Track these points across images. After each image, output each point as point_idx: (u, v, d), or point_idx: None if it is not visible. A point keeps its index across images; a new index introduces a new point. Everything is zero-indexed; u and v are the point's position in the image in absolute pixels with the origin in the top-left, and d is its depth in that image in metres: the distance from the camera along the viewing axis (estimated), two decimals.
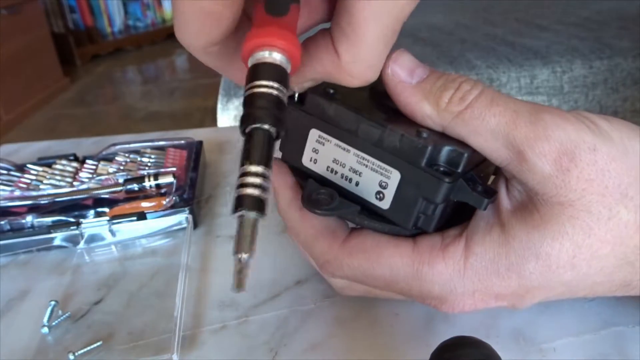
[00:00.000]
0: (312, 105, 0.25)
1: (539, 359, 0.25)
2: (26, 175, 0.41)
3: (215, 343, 0.28)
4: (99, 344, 0.28)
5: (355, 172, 0.25)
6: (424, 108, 0.23)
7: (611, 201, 0.22)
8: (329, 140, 0.25)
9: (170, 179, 0.38)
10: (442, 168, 0.23)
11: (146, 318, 0.29)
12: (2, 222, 0.36)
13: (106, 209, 0.37)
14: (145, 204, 0.37)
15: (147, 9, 3.61)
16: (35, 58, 2.61)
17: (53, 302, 0.30)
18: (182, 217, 0.36)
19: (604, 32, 1.22)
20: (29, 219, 0.36)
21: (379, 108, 0.25)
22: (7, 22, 2.39)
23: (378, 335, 0.27)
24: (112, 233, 0.35)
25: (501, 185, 0.25)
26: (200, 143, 0.45)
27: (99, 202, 0.38)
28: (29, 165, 0.42)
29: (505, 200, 0.24)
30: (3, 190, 0.39)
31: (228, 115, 1.05)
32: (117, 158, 0.42)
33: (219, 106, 1.06)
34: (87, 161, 0.42)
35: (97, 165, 0.42)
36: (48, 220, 0.36)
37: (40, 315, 0.29)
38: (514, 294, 0.24)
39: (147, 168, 0.41)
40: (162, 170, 0.40)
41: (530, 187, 0.22)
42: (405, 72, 0.24)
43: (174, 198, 0.37)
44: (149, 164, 0.42)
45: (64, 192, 0.38)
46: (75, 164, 0.42)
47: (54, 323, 0.29)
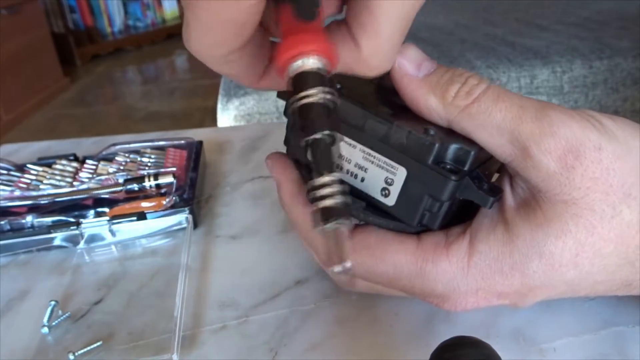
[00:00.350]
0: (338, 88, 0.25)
1: (539, 359, 0.25)
2: (26, 175, 0.41)
3: (215, 343, 0.28)
4: (99, 344, 0.28)
5: (361, 168, 0.25)
6: (430, 101, 0.23)
7: (615, 200, 0.22)
8: None
9: (170, 179, 0.38)
10: (449, 166, 0.23)
11: (146, 318, 0.29)
12: (2, 222, 0.36)
13: (106, 209, 0.37)
14: (145, 204, 0.37)
15: (147, 9, 3.61)
16: (35, 58, 2.61)
17: (53, 302, 0.30)
18: (182, 217, 0.36)
19: (604, 32, 1.22)
20: (29, 219, 0.36)
21: (386, 104, 0.25)
22: (7, 22, 2.39)
23: (378, 335, 0.27)
24: (112, 233, 0.35)
25: (505, 182, 0.25)
26: (200, 143, 0.45)
27: (99, 202, 0.38)
28: (29, 165, 0.42)
29: (509, 198, 0.24)
30: (3, 190, 0.39)
31: (228, 115, 1.05)
32: (117, 158, 0.42)
33: (219, 106, 1.06)
34: (87, 161, 0.42)
35: (97, 165, 0.42)
36: (48, 220, 0.36)
37: (40, 315, 0.29)
38: (517, 293, 0.24)
39: (147, 168, 0.41)
40: (162, 170, 0.40)
41: (534, 184, 0.22)
42: (413, 65, 0.24)
43: (174, 198, 0.37)
44: (149, 164, 0.42)
45: (64, 192, 0.38)
46: (75, 164, 0.42)
47: (54, 323, 0.29)
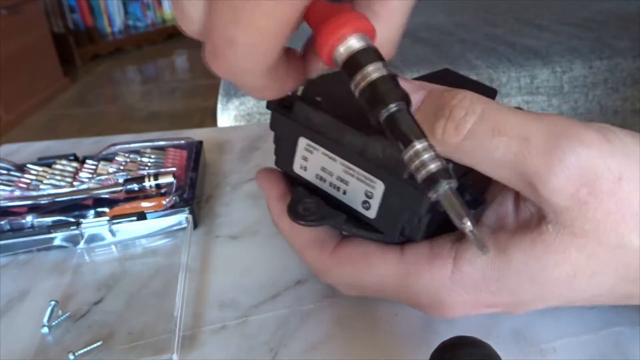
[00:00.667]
0: (300, 113, 0.25)
1: (539, 359, 0.25)
2: (26, 175, 0.41)
3: (215, 343, 0.28)
4: (99, 344, 0.28)
5: (342, 180, 0.25)
6: None
7: (624, 230, 0.20)
8: (316, 149, 0.25)
9: (170, 179, 0.38)
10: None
11: (146, 318, 0.29)
12: (2, 222, 0.36)
13: (106, 209, 0.37)
14: (145, 204, 0.37)
15: (147, 9, 3.61)
16: (35, 58, 2.61)
17: (53, 302, 0.30)
18: (182, 217, 0.36)
19: (604, 32, 1.22)
20: (29, 219, 0.36)
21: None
22: (7, 22, 2.39)
23: (378, 335, 0.27)
24: (112, 233, 0.35)
25: (508, 201, 0.23)
26: (200, 143, 0.45)
27: (99, 202, 0.38)
28: (29, 165, 0.42)
29: (510, 219, 0.23)
30: (3, 190, 0.39)
31: (228, 115, 1.05)
32: (117, 158, 0.42)
33: (219, 106, 1.06)
34: (87, 161, 0.42)
35: (97, 165, 0.42)
36: (48, 220, 0.36)
37: (40, 315, 0.29)
38: (507, 305, 0.23)
39: (147, 168, 0.41)
40: (162, 170, 0.40)
41: (544, 214, 0.21)
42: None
43: (174, 198, 0.37)
44: (149, 164, 0.42)
45: (64, 192, 0.38)
46: (75, 164, 0.42)
47: (54, 323, 0.29)
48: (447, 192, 0.17)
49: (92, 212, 0.37)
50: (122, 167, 0.41)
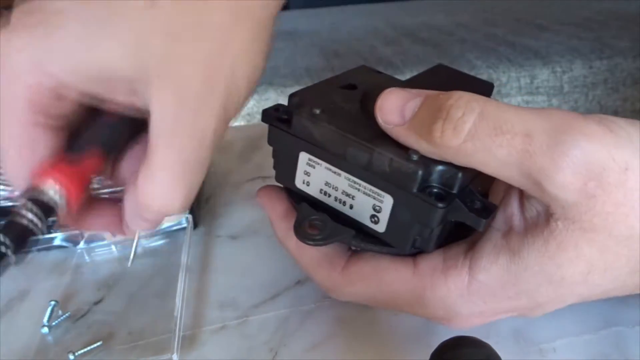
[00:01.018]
0: (299, 128, 0.24)
1: (539, 359, 0.25)
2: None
3: (215, 343, 0.28)
4: (99, 344, 0.28)
5: (348, 195, 0.24)
6: (421, 146, 0.21)
7: (633, 220, 0.20)
8: (319, 164, 0.24)
9: None
10: (436, 189, 0.22)
11: (146, 318, 0.29)
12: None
13: None
14: None
15: None
16: None
17: (53, 302, 0.30)
18: (182, 217, 0.36)
19: (604, 32, 1.22)
20: None
21: (370, 125, 0.23)
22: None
23: (378, 335, 0.27)
24: (112, 233, 0.35)
25: (514, 200, 0.23)
26: None
27: None
28: None
29: (517, 220, 0.22)
30: (3, 190, 0.39)
31: None
32: None
33: None
34: None
35: None
36: (48, 220, 0.36)
37: (40, 315, 0.29)
38: (524, 309, 0.23)
39: None
40: None
41: (552, 211, 0.21)
42: (395, 115, 0.22)
43: None
44: None
45: None
46: None
47: (54, 323, 0.29)
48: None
49: None
50: None
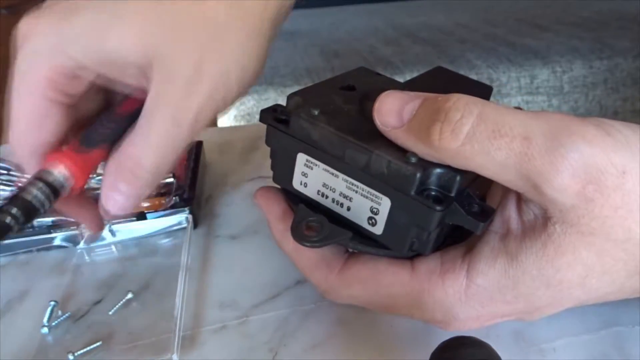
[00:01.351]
0: (297, 129, 0.24)
1: (539, 359, 0.25)
2: (26, 175, 0.41)
3: (215, 343, 0.28)
4: (98, 344, 0.28)
5: (345, 197, 0.24)
6: (419, 149, 0.21)
7: (631, 223, 0.20)
8: (317, 165, 0.24)
9: (170, 179, 0.38)
10: (434, 192, 0.22)
11: (146, 318, 0.29)
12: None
13: None
14: (145, 204, 0.37)
15: None
16: None
17: (53, 302, 0.30)
18: (182, 217, 0.36)
19: (604, 32, 1.22)
20: None
21: (369, 127, 0.23)
22: (7, 22, 2.39)
23: (378, 335, 0.27)
24: (112, 233, 0.35)
25: (511, 204, 0.23)
26: (200, 143, 0.45)
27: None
28: None
29: (514, 223, 0.22)
30: (3, 190, 0.39)
31: (228, 115, 1.05)
32: None
33: None
34: None
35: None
36: (48, 220, 0.36)
37: (40, 315, 0.29)
38: (522, 312, 0.23)
39: None
40: None
41: (550, 215, 0.21)
42: (393, 117, 0.22)
43: (174, 198, 0.37)
44: None
45: None
46: None
47: (53, 323, 0.29)
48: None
49: None
50: None
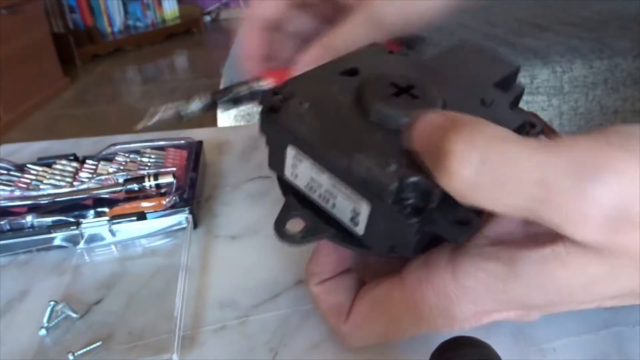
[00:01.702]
0: (286, 122, 0.24)
1: (539, 359, 0.25)
2: (26, 175, 0.41)
3: (215, 343, 0.28)
4: (98, 344, 0.28)
5: (330, 194, 0.24)
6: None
7: None
8: (305, 159, 0.24)
9: (170, 179, 0.38)
10: (413, 201, 0.20)
11: (146, 318, 0.29)
12: (2, 222, 0.36)
13: (106, 209, 0.37)
14: (145, 204, 0.37)
15: (147, 9, 3.61)
16: (35, 58, 2.61)
17: (53, 302, 0.30)
18: (182, 217, 0.36)
19: (604, 32, 1.22)
20: (29, 219, 0.36)
21: (358, 123, 0.23)
22: (7, 22, 2.39)
23: None
24: (112, 233, 0.35)
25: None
26: (200, 143, 0.45)
27: (99, 202, 0.38)
28: (29, 165, 0.42)
29: (517, 231, 0.21)
30: (3, 190, 0.39)
31: (228, 115, 1.05)
32: (117, 158, 0.42)
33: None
34: (87, 161, 0.42)
35: (97, 165, 0.42)
36: (48, 220, 0.36)
37: (40, 315, 0.29)
38: (520, 312, 0.23)
39: (147, 168, 0.41)
40: (162, 170, 0.40)
41: (564, 238, 0.18)
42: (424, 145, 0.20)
43: (174, 198, 0.37)
44: (149, 164, 0.42)
45: (64, 192, 0.38)
46: (75, 164, 0.42)
47: (53, 323, 0.29)
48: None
49: (92, 212, 0.37)
50: (122, 167, 0.41)
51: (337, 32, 0.34)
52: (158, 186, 0.38)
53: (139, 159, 0.42)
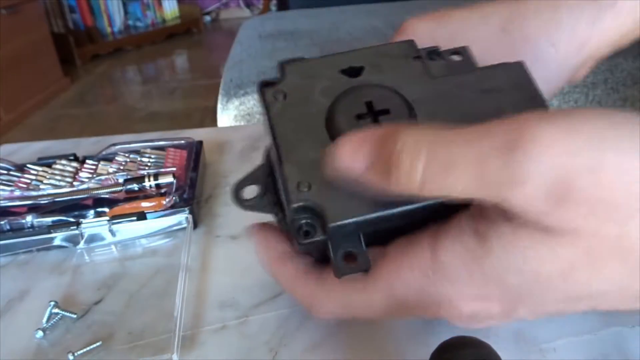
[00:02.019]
0: (267, 100, 0.25)
1: (539, 359, 0.25)
2: (26, 175, 0.41)
3: (215, 343, 0.28)
4: (98, 344, 0.28)
5: (280, 179, 0.24)
6: (388, 190, 0.20)
7: (623, 216, 0.18)
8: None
9: (170, 179, 0.38)
10: (309, 221, 0.22)
11: (146, 318, 0.29)
12: (2, 222, 0.36)
13: (106, 209, 0.37)
14: (145, 204, 0.37)
15: (147, 9, 3.61)
16: (35, 58, 2.61)
17: (53, 302, 0.30)
18: (182, 217, 0.36)
19: None
20: (29, 219, 0.36)
21: (318, 131, 0.23)
22: (7, 22, 2.39)
23: (378, 335, 0.27)
24: (112, 233, 0.35)
25: None
26: (200, 143, 0.45)
27: (99, 202, 0.38)
28: (29, 165, 0.42)
29: (490, 208, 0.20)
30: (3, 190, 0.39)
31: (228, 115, 1.05)
32: (117, 158, 0.42)
33: (219, 106, 1.06)
34: (87, 161, 0.42)
35: (97, 165, 0.42)
36: (48, 220, 0.36)
37: (40, 315, 0.29)
38: (502, 300, 0.22)
39: (147, 168, 0.41)
40: (162, 170, 0.40)
41: (523, 221, 0.19)
42: (358, 162, 0.20)
43: (174, 198, 0.37)
44: (149, 164, 0.42)
45: (64, 192, 0.38)
46: (75, 164, 0.42)
47: (52, 322, 0.29)
48: None
49: (92, 212, 0.37)
50: (122, 167, 0.41)
51: None
52: (158, 186, 0.38)
53: (139, 159, 0.42)
